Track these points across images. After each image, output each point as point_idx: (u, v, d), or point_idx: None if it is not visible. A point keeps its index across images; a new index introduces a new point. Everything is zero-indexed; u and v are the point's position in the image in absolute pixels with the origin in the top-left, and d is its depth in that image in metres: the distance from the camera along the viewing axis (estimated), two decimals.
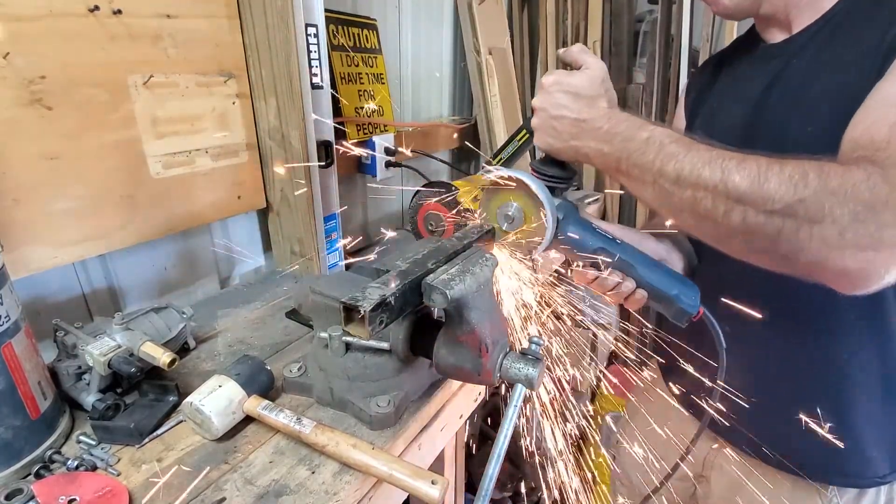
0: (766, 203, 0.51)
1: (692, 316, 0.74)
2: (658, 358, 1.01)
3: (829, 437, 0.75)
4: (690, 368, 0.88)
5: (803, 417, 0.76)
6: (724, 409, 0.83)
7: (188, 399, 0.66)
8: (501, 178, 0.70)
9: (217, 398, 0.65)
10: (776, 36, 0.78)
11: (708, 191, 0.54)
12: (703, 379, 0.84)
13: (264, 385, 0.71)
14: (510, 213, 0.71)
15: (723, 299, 0.77)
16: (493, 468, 0.58)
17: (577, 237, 0.72)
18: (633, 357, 0.99)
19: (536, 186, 0.69)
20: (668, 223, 0.76)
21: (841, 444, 0.74)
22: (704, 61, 0.88)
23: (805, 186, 0.49)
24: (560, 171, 0.72)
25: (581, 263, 0.75)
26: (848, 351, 0.75)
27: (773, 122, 0.73)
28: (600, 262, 0.72)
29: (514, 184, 0.70)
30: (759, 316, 0.74)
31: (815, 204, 0.48)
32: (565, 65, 0.68)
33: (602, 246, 0.72)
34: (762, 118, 0.75)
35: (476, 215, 0.78)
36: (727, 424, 0.84)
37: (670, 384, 1.00)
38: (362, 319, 0.52)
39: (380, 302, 0.54)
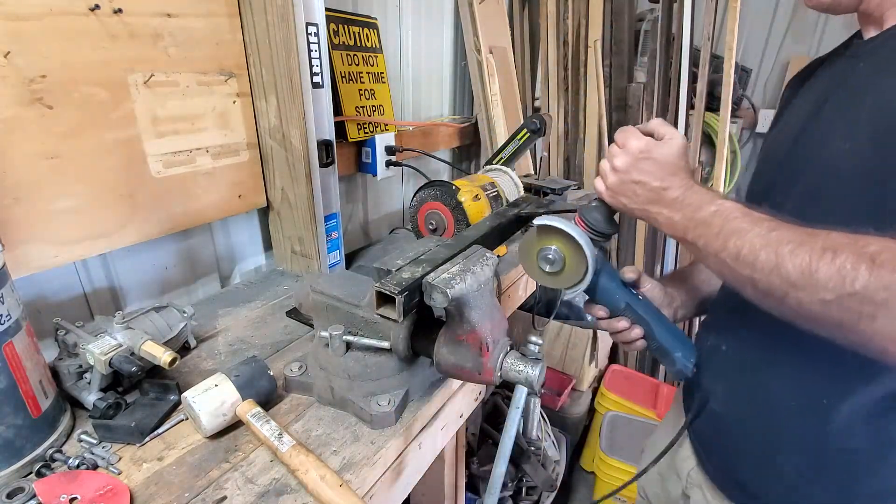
0: (818, 293, 0.50)
1: (686, 375, 0.81)
2: None
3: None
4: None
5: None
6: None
7: (185, 393, 0.66)
8: (549, 226, 0.71)
9: (209, 397, 0.65)
10: (870, 33, 0.66)
11: (764, 274, 0.54)
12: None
13: (263, 390, 0.71)
14: (550, 257, 0.72)
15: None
16: (501, 467, 0.59)
17: (607, 288, 0.78)
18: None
19: (584, 241, 0.70)
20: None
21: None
22: (806, 65, 0.79)
23: (855, 279, 0.47)
24: (608, 227, 0.74)
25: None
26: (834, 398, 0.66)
27: (815, 136, 0.66)
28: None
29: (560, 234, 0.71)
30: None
31: (867, 299, 0.47)
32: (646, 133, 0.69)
33: (628, 302, 0.77)
34: (808, 131, 0.68)
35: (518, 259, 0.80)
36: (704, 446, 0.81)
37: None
38: (393, 303, 0.60)
39: (409, 288, 0.61)
